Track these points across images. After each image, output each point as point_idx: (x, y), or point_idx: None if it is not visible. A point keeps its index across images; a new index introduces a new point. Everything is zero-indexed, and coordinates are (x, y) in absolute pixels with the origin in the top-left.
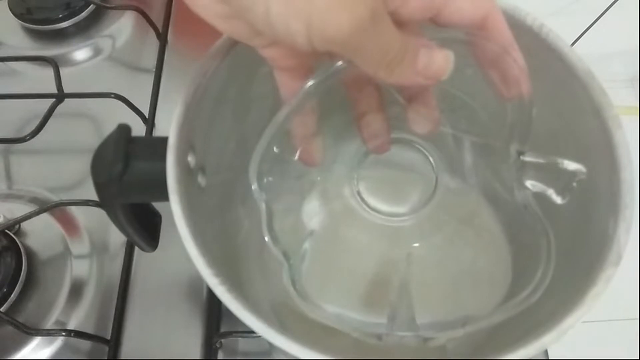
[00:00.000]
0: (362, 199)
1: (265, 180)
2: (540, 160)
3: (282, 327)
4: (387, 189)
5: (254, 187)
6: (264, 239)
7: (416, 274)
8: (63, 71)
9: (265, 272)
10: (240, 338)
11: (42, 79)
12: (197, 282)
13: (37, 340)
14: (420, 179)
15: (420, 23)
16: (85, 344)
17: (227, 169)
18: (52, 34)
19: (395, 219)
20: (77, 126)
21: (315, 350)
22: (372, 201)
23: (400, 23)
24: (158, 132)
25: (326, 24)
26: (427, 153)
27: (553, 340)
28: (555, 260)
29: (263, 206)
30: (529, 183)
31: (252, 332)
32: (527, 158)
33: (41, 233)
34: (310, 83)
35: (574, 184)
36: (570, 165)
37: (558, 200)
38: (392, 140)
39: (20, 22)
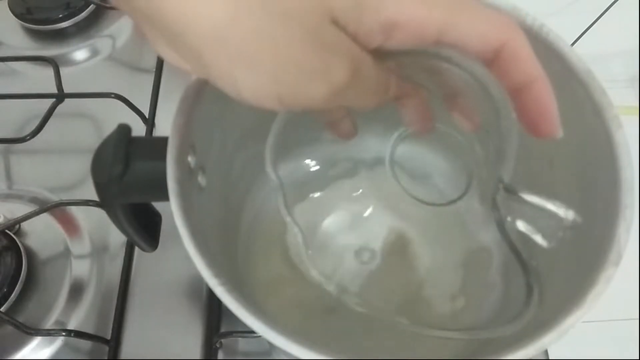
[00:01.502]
0: (393, 178)
1: (282, 165)
2: (531, 200)
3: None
4: (415, 176)
5: (270, 170)
6: (264, 237)
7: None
8: (63, 71)
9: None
10: (240, 338)
11: (42, 79)
12: (197, 282)
13: (37, 340)
14: (451, 174)
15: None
16: (85, 344)
17: (227, 169)
18: (52, 34)
19: (415, 202)
20: (77, 126)
21: (315, 351)
22: (399, 183)
23: (391, 53)
24: (158, 132)
25: (297, 98)
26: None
27: (553, 340)
28: (538, 303)
29: (280, 190)
30: (518, 222)
31: (252, 332)
32: (517, 195)
33: (41, 233)
34: None
35: (563, 233)
36: (562, 211)
37: (544, 243)
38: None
39: (20, 22)
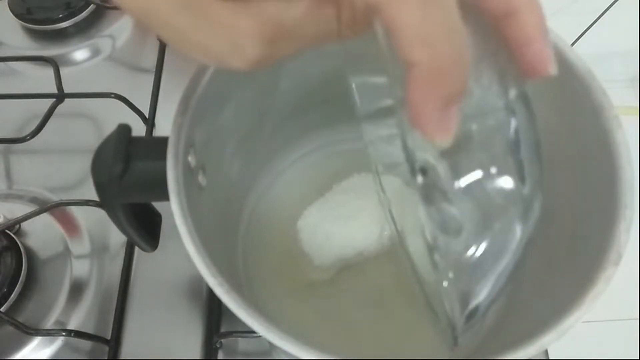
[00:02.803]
0: None
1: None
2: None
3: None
4: None
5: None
6: (264, 236)
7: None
8: (63, 71)
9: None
10: (240, 338)
11: (42, 79)
12: (197, 282)
13: (37, 340)
14: None
15: None
16: (85, 344)
17: (227, 169)
18: (52, 34)
19: None
20: (77, 126)
21: (316, 351)
22: None
23: None
24: (158, 132)
25: (233, 67)
26: None
27: (553, 340)
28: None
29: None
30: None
31: (252, 332)
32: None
33: (41, 233)
34: None
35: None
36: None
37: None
38: None
39: (20, 22)
